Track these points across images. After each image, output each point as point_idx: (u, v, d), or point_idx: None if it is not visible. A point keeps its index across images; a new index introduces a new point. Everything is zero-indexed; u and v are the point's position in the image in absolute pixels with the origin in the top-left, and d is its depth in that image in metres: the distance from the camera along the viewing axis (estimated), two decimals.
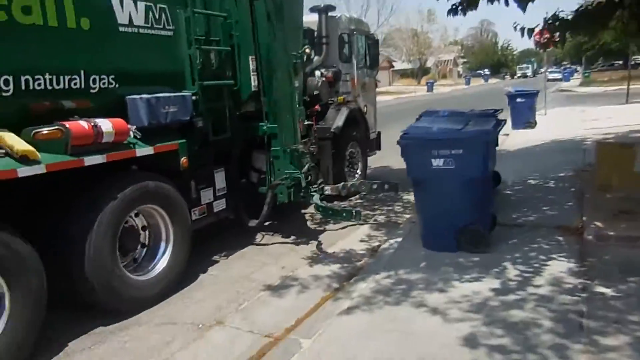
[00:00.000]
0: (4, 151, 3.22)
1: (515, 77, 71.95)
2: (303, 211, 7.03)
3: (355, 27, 8.33)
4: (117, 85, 4.07)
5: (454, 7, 6.52)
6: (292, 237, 5.98)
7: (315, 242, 5.75)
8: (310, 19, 7.83)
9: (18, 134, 3.36)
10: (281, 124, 5.75)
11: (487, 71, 72.26)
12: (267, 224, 6.20)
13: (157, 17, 4.43)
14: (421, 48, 63.28)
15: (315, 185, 5.85)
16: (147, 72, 4.40)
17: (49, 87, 3.59)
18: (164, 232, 4.50)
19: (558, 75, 51.16)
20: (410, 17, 66.08)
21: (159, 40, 4.48)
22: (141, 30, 4.27)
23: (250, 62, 5.57)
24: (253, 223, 5.77)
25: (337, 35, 7.96)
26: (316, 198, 5.70)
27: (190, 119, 4.66)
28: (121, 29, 4.09)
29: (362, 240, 5.75)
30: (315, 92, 7.43)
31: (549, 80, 25.81)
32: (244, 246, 5.73)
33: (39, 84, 3.50)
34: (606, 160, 6.44)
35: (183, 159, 4.53)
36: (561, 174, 7.85)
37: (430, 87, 46.90)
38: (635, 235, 4.67)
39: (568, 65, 69.86)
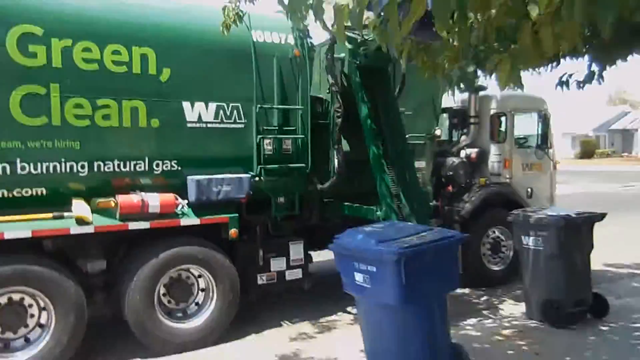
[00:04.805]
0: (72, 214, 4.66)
1: None
2: None
3: (515, 106, 7.65)
4: (179, 168, 5.20)
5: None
6: None
7: None
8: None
9: (90, 202, 4.78)
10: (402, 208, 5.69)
11: None
12: None
13: (228, 113, 5.43)
14: None
15: None
16: (215, 157, 5.41)
17: (121, 169, 4.95)
18: (210, 292, 5.33)
19: None
20: None
21: (229, 132, 5.46)
22: (209, 125, 5.34)
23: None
24: None
25: (488, 115, 7.53)
26: None
27: (247, 197, 5.41)
28: (189, 125, 5.23)
29: None
30: (449, 173, 7.19)
31: None
32: None
33: (109, 167, 4.89)
34: None
35: (232, 231, 5.31)
36: None
37: None
38: None
39: None
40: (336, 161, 5.96)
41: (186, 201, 5.16)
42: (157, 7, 5.24)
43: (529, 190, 7.71)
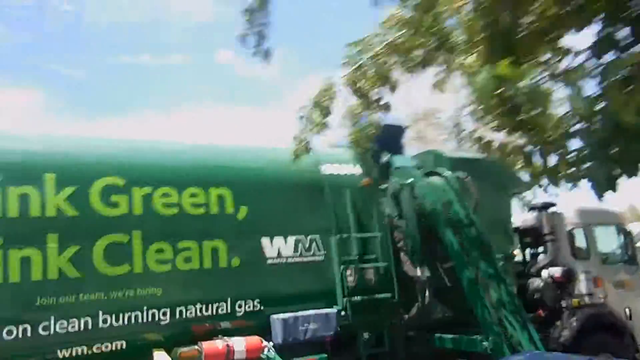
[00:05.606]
0: None
1: None
2: None
3: (591, 220, 7.30)
4: (261, 308, 4.85)
5: None
6: None
7: None
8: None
9: (170, 351, 4.38)
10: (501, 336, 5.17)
11: None
12: None
13: (307, 246, 5.23)
14: None
15: None
16: (297, 293, 5.07)
17: (202, 314, 4.63)
18: None
19: None
20: None
21: (309, 266, 5.20)
22: (289, 260, 5.10)
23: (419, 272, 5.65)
24: None
25: (564, 231, 7.14)
26: None
27: (335, 334, 4.94)
28: (269, 261, 5.01)
29: None
30: (537, 296, 6.62)
31: None
32: None
33: (191, 313, 4.58)
34: None
35: None
36: None
37: None
38: None
39: None
40: (420, 289, 5.56)
41: (271, 343, 4.71)
42: (230, 150, 5.46)
43: (627, 310, 6.96)
